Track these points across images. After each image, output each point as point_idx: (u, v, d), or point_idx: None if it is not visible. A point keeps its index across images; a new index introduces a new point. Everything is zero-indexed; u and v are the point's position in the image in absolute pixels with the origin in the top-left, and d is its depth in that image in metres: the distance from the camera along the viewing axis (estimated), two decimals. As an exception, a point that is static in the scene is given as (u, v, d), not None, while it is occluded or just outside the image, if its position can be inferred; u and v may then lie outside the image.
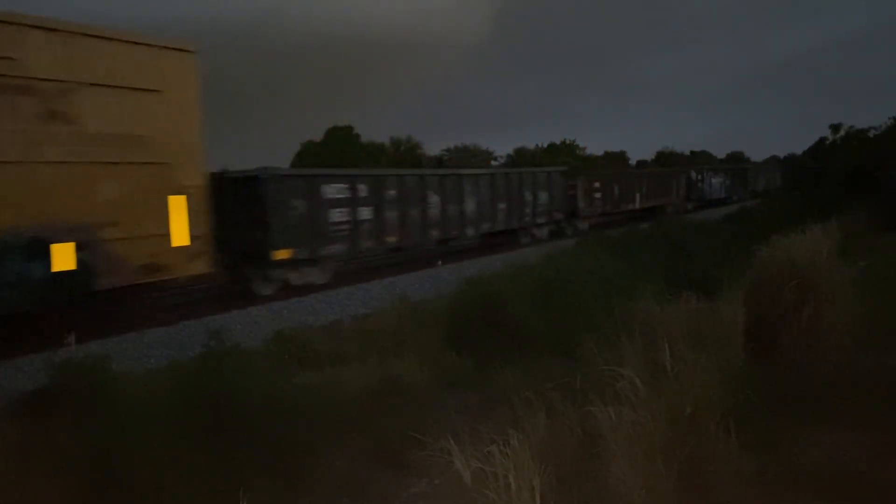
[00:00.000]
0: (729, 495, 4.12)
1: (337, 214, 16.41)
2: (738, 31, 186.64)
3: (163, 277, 12.14)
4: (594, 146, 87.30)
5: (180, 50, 12.10)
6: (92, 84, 10.74)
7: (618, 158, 67.10)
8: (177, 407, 6.37)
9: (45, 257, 10.23)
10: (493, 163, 56.43)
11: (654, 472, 3.93)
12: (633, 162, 67.57)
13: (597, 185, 29.60)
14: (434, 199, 19.50)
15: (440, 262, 19.84)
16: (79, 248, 10.61)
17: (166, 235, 12.00)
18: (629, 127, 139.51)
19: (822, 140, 69.00)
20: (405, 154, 53.01)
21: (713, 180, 44.57)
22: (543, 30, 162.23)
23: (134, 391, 7.13)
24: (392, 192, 17.95)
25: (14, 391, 8.68)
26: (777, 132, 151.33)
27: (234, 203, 14.66)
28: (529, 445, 3.72)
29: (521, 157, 57.97)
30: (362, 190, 17.10)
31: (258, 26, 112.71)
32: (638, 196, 33.83)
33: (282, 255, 14.98)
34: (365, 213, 17.09)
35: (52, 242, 10.31)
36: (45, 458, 5.56)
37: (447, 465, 3.87)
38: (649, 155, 72.50)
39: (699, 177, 42.56)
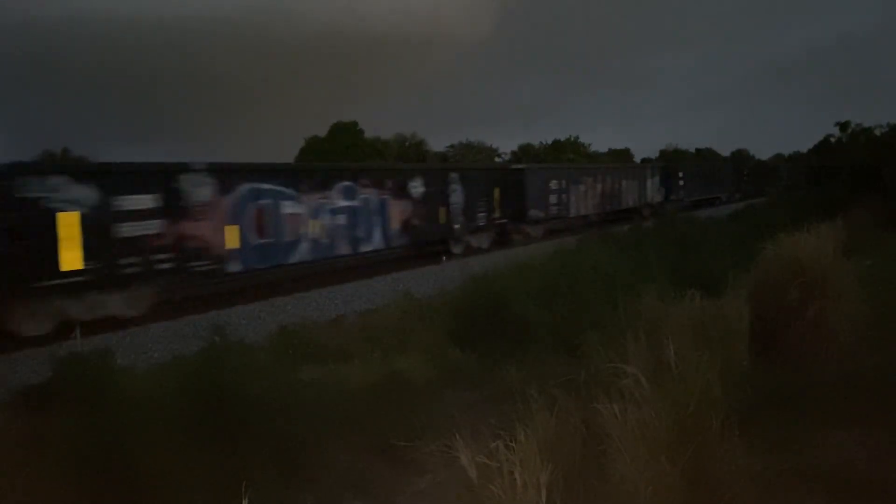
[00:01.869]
0: (734, 494, 4.11)
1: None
2: (746, 28, 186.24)
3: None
4: (599, 143, 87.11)
5: None
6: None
7: (622, 156, 66.98)
8: (179, 401, 6.38)
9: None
10: (497, 159, 56.33)
11: (659, 469, 3.92)
12: (637, 159, 67.40)
13: None
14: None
15: (444, 259, 19.84)
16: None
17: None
18: (635, 124, 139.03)
19: (829, 137, 68.62)
20: (410, 150, 52.99)
21: (328, 216, 16.95)
22: (549, 26, 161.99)
23: (137, 385, 7.15)
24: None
25: (18, 385, 8.70)
26: (785, 130, 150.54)
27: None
28: (535, 442, 3.72)
29: (526, 155, 57.91)
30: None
31: (262, 22, 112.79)
32: None
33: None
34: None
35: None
36: (48, 451, 5.57)
37: (451, 462, 3.86)
38: (654, 153, 72.33)
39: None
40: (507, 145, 78.75)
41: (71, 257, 11.87)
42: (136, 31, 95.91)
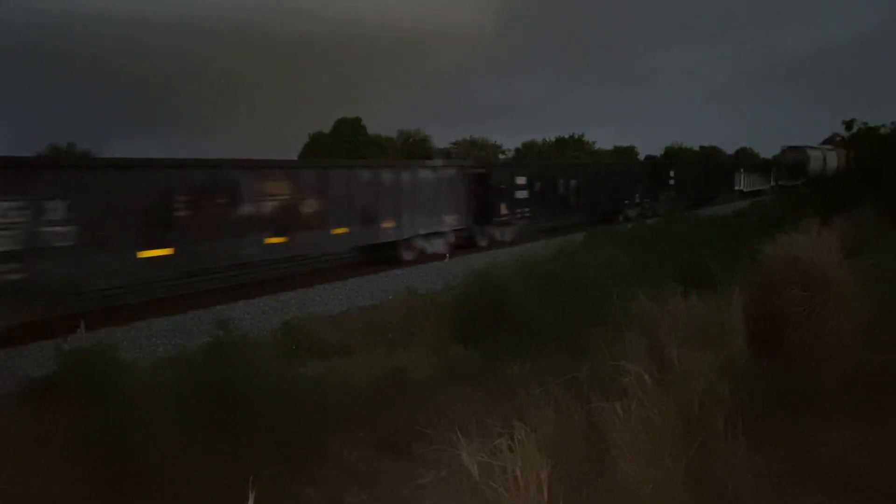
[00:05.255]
0: (737, 492, 4.13)
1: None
2: (751, 26, 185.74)
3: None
4: (604, 141, 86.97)
5: None
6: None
7: (626, 153, 66.82)
8: (184, 396, 6.41)
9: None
10: (500, 156, 56.29)
11: (661, 467, 3.94)
12: (642, 157, 67.27)
13: None
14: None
15: (448, 256, 19.86)
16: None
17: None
18: (639, 122, 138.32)
19: (835, 136, 68.75)
20: (413, 147, 52.94)
21: None
22: (553, 24, 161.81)
23: (142, 380, 7.17)
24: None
25: (23, 378, 8.74)
26: (790, 128, 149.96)
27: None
28: (537, 439, 3.73)
29: (529, 152, 57.85)
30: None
31: (268, 18, 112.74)
32: None
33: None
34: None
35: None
36: (52, 445, 5.60)
37: (454, 458, 3.88)
38: (659, 150, 72.09)
39: None
40: (511, 142, 78.70)
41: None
42: (141, 27, 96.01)
